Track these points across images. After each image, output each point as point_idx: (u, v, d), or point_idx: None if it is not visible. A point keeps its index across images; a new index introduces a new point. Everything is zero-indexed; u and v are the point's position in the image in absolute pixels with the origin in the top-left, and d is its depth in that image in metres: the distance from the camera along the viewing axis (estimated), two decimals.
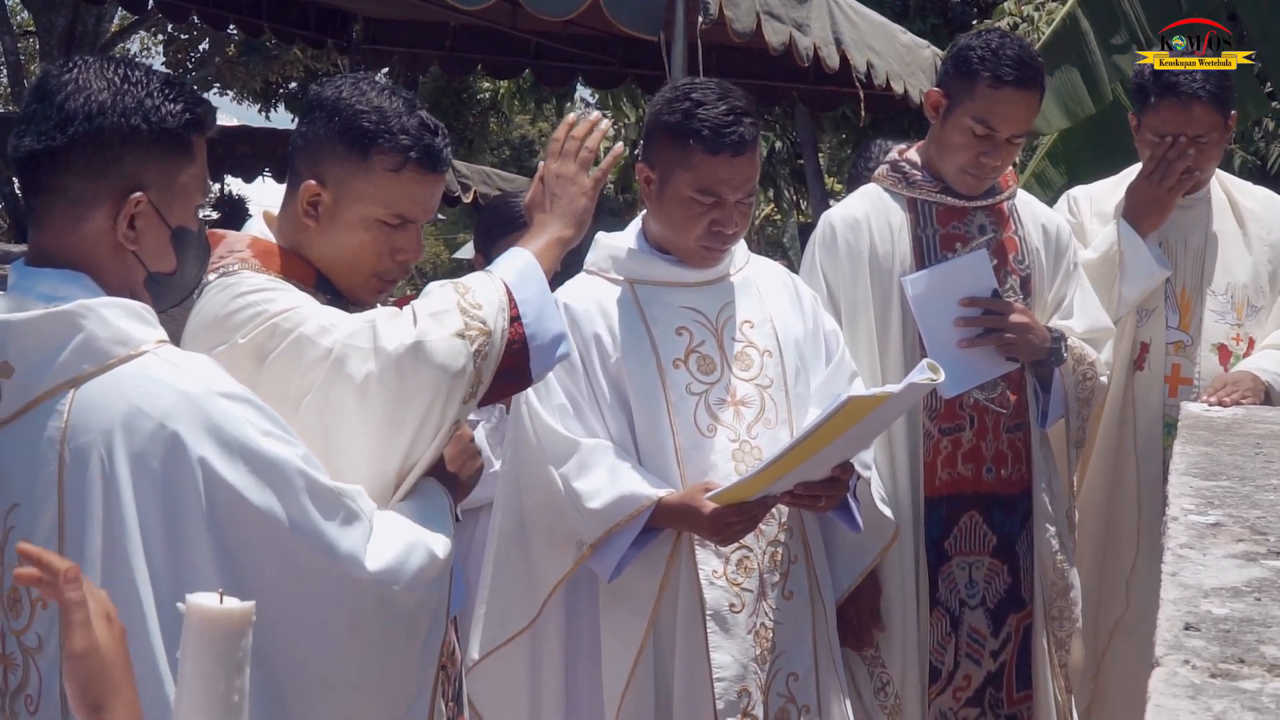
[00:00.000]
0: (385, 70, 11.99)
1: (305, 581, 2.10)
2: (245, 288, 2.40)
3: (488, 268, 2.50)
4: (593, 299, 3.26)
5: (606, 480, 3.10)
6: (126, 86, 2.07)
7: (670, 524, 3.11)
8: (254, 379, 2.26)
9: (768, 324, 3.32)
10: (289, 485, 2.06)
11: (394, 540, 2.22)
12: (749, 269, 3.40)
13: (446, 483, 2.52)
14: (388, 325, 2.34)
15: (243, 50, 20.96)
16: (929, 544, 3.66)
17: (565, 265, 2.68)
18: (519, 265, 2.48)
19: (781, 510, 3.25)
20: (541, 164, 2.70)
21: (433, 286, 2.43)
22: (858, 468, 3.27)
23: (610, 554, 3.12)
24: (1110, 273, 3.95)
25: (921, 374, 2.95)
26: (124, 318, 2.04)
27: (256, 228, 2.56)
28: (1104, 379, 3.83)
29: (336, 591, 2.13)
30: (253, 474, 2.03)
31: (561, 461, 3.13)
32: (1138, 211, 3.97)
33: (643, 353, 3.21)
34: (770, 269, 3.48)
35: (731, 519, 3.04)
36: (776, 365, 3.29)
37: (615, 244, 3.35)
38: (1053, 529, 3.76)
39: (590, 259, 3.38)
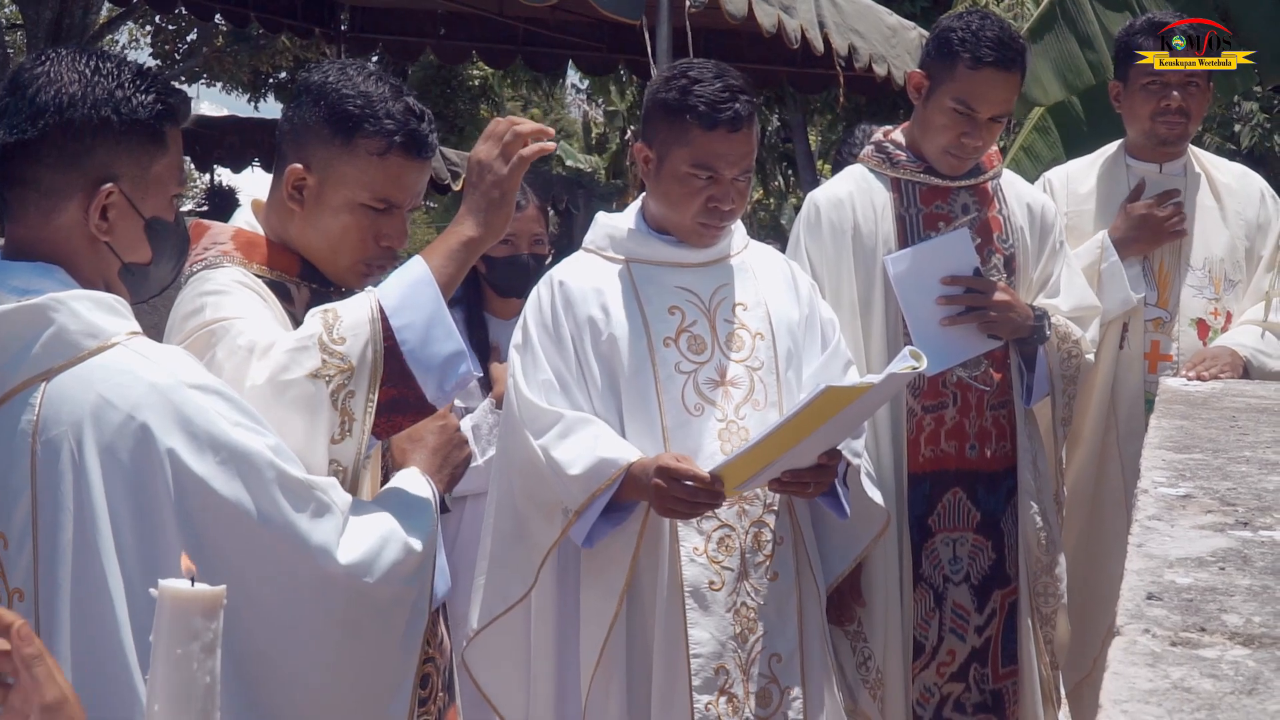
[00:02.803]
0: (375, 58, 11.97)
1: (276, 574, 2.10)
2: (207, 287, 2.42)
3: (380, 286, 2.41)
4: (588, 278, 3.30)
5: (586, 447, 3.12)
6: (97, 78, 2.08)
7: (635, 493, 3.12)
8: None
9: (762, 307, 3.33)
10: (259, 477, 2.06)
11: (368, 533, 2.21)
12: (747, 253, 3.42)
13: (433, 473, 2.52)
14: (261, 361, 2.28)
15: (231, 40, 20.91)
16: (912, 520, 3.68)
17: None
18: (406, 284, 2.36)
19: (767, 492, 3.26)
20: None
21: (313, 312, 2.36)
22: (847, 455, 3.28)
23: (584, 522, 3.15)
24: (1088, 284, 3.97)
25: (903, 362, 2.98)
26: (94, 310, 2.04)
27: (244, 218, 2.57)
28: (1089, 357, 3.85)
29: (308, 584, 2.12)
30: (221, 465, 2.03)
31: (543, 433, 3.16)
32: (1128, 238, 4.02)
33: (634, 330, 3.24)
34: (768, 255, 3.49)
35: (675, 494, 3.04)
36: (768, 348, 3.30)
37: (614, 224, 3.38)
38: (1037, 506, 3.77)
39: (589, 238, 3.41)
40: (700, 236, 3.28)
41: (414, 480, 2.46)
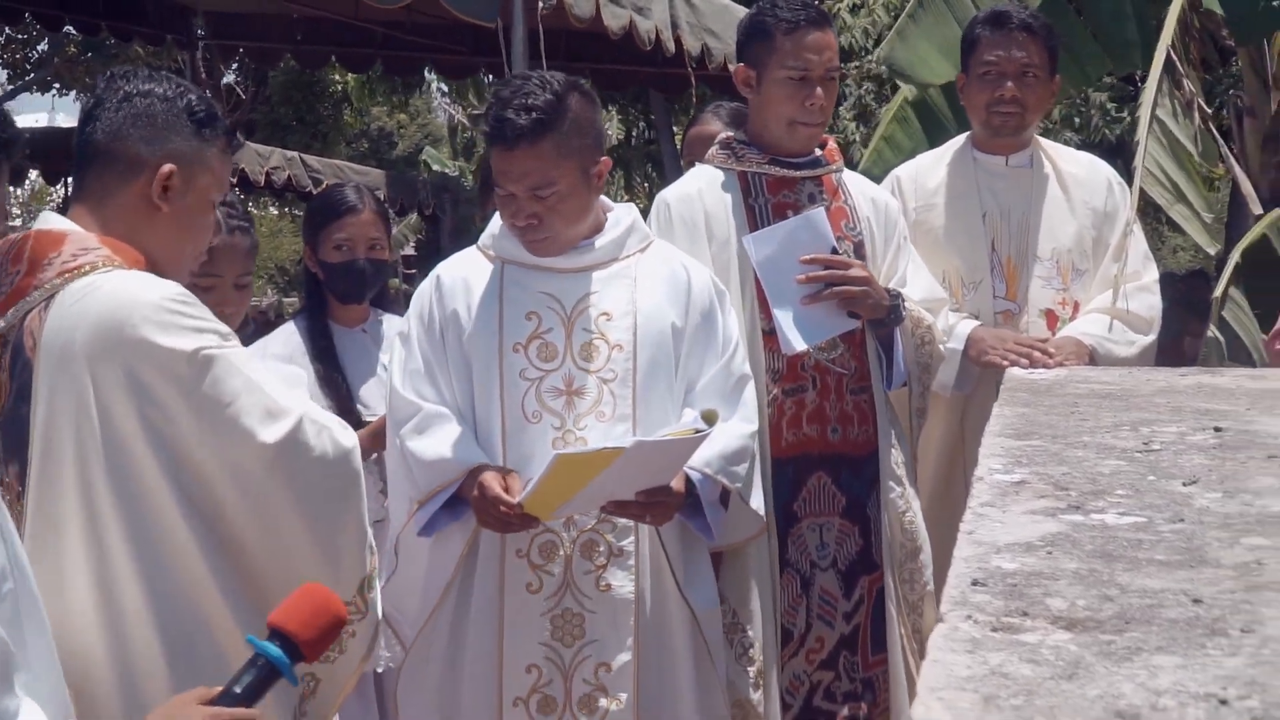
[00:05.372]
0: (234, 65, 11.80)
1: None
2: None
3: None
4: (462, 274, 3.40)
5: (436, 443, 3.23)
6: None
7: (469, 494, 3.21)
8: None
9: (629, 318, 3.35)
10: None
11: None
12: (638, 259, 3.44)
13: None
14: None
15: (83, 50, 20.49)
16: (778, 506, 3.72)
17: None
18: None
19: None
20: None
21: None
22: (723, 479, 3.31)
23: (424, 513, 3.27)
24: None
25: (692, 424, 3.12)
26: None
27: (62, 223, 2.54)
28: (941, 346, 3.89)
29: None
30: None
31: (402, 424, 3.29)
32: (979, 347, 4.02)
33: (488, 333, 3.31)
34: (664, 261, 3.49)
35: (490, 510, 3.13)
36: (626, 360, 3.31)
37: (499, 223, 3.43)
38: (899, 490, 3.83)
39: (483, 235, 3.49)
40: (524, 246, 3.33)
41: None
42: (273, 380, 2.54)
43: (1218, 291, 6.30)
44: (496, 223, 3.44)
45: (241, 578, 2.49)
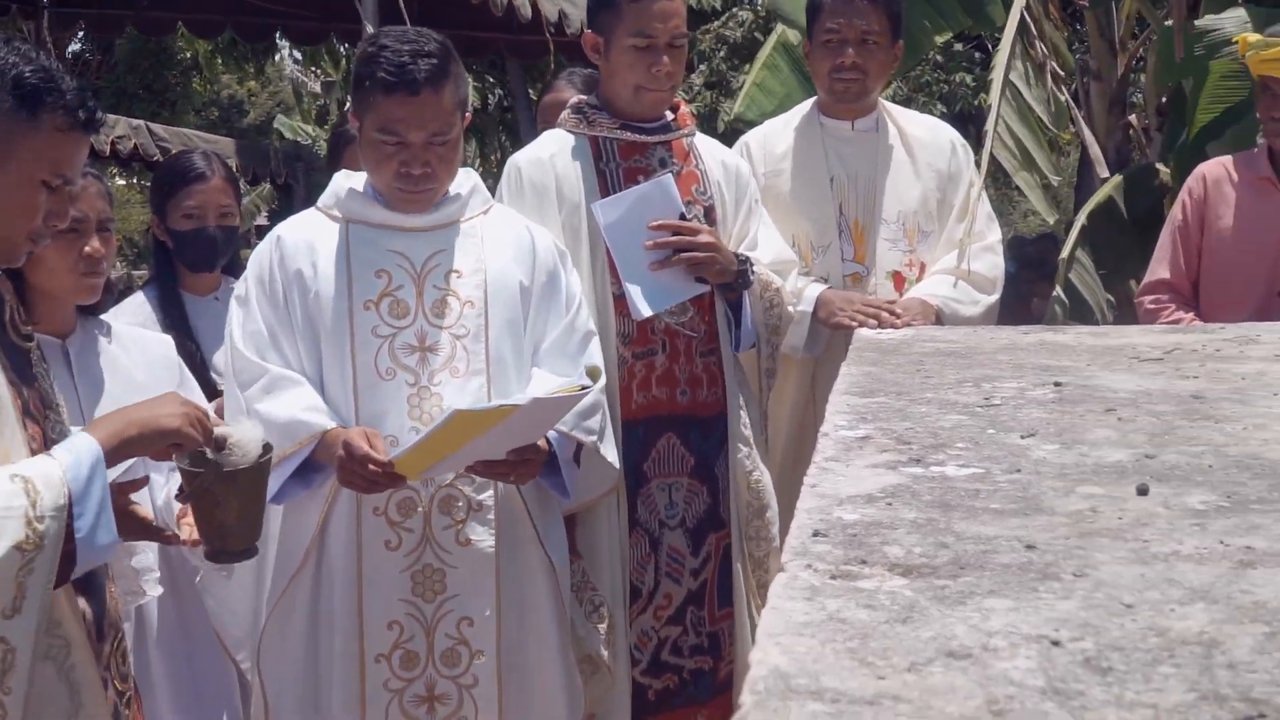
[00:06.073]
0: (79, 34, 11.51)
1: None
2: None
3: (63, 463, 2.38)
4: (305, 234, 3.35)
5: (285, 406, 3.19)
6: None
7: (327, 457, 3.18)
8: None
9: (479, 275, 3.35)
10: None
11: None
12: (483, 219, 3.44)
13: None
14: None
15: None
16: (627, 466, 3.75)
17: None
18: (85, 469, 2.37)
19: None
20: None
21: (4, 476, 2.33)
22: (579, 435, 3.34)
23: (275, 479, 3.18)
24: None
25: (578, 381, 3.15)
26: None
27: None
28: (790, 309, 3.93)
29: None
30: None
31: (248, 385, 3.23)
32: (828, 309, 4.04)
33: (338, 290, 3.28)
34: (507, 221, 3.51)
35: (356, 472, 3.08)
36: (478, 317, 3.32)
37: (342, 184, 3.42)
38: (746, 450, 3.89)
39: (322, 196, 3.45)
40: (401, 202, 3.32)
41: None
42: None
43: (1065, 253, 6.45)
44: (339, 183, 3.42)
45: None
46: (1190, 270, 4.49)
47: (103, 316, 3.46)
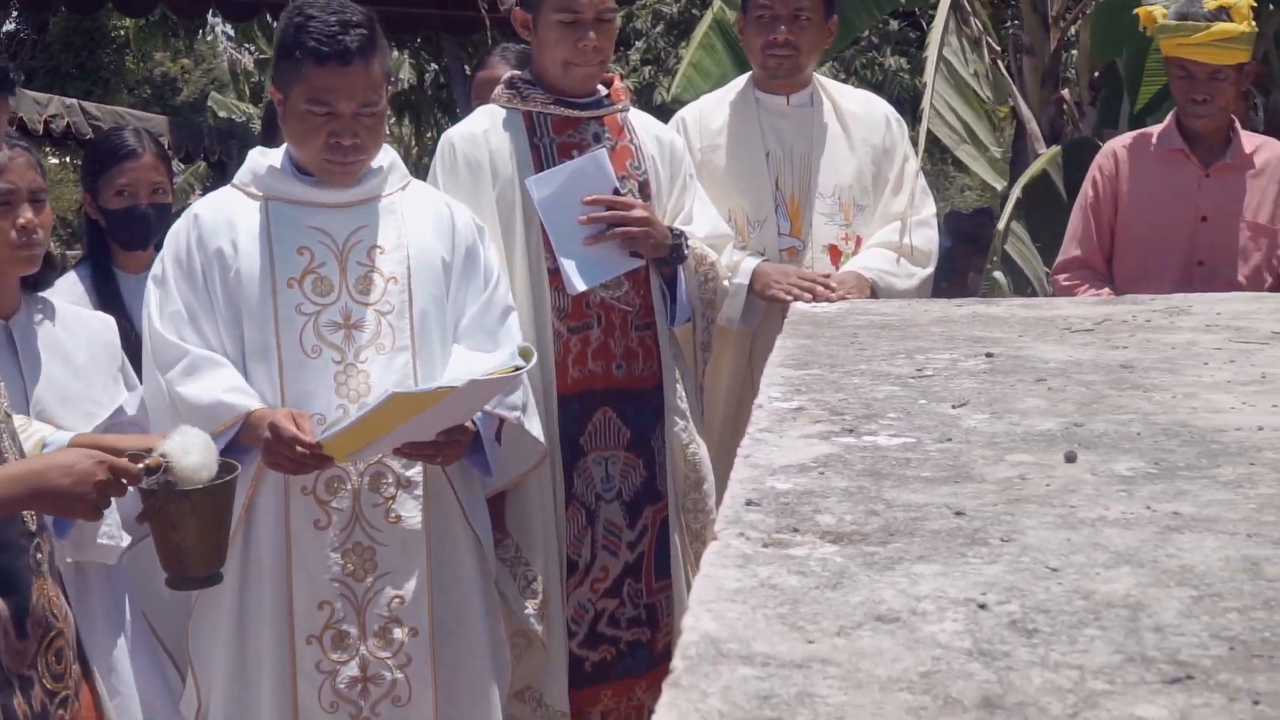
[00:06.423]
0: (15, 13, 11.37)
1: None
2: None
3: None
4: (223, 212, 3.31)
5: (207, 387, 3.14)
6: None
7: (252, 439, 3.14)
8: None
9: (402, 250, 3.33)
10: None
11: None
12: (402, 195, 3.42)
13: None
14: None
15: None
16: (564, 440, 3.75)
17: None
18: None
19: None
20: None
21: None
22: (502, 412, 3.33)
23: None
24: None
25: (510, 362, 3.15)
26: None
27: None
28: (725, 282, 3.94)
29: None
30: None
31: (168, 367, 3.18)
32: (763, 282, 4.01)
33: (261, 269, 3.24)
34: (426, 197, 3.49)
35: (283, 453, 3.06)
36: (401, 293, 3.30)
37: (260, 161, 3.38)
38: (683, 423, 3.90)
39: (238, 174, 3.41)
40: (330, 174, 3.29)
41: None
42: None
43: (1001, 225, 6.49)
44: (255, 160, 3.39)
45: None
46: (1103, 247, 4.53)
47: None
